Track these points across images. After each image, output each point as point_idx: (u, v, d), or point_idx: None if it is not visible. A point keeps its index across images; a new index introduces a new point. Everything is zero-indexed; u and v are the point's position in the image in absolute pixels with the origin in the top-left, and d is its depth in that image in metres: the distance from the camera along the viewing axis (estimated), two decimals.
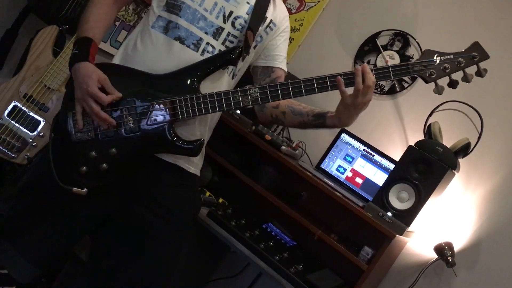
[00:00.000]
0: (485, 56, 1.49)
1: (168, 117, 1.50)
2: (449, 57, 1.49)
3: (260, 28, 1.65)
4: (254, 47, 1.69)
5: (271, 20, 1.69)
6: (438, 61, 1.49)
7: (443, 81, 1.54)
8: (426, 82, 1.52)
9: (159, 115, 1.50)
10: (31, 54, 2.70)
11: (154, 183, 1.59)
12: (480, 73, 1.51)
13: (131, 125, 1.50)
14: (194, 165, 1.67)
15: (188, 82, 1.53)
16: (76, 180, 1.50)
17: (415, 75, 1.53)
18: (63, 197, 1.52)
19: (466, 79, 1.51)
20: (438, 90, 1.53)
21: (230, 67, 1.64)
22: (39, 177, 1.59)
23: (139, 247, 1.57)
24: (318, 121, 1.64)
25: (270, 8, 1.69)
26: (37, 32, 2.75)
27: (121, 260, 1.56)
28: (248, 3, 1.64)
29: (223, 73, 1.62)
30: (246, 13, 1.62)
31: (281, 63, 1.77)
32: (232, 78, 1.68)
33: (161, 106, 1.50)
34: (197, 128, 1.60)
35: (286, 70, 1.78)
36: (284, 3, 3.00)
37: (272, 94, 1.52)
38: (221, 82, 1.62)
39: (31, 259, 1.57)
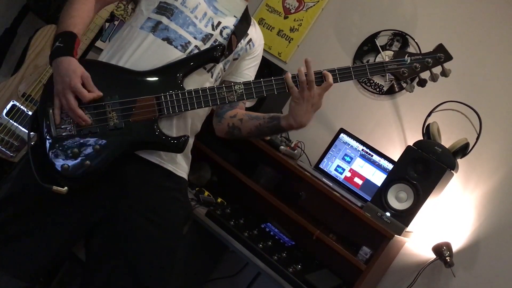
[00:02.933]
0: (449, 57, 1.58)
1: (153, 113, 1.50)
2: (418, 57, 1.58)
3: (243, 41, 1.69)
4: (234, 59, 1.71)
5: (251, 39, 1.73)
6: (408, 61, 1.57)
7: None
8: (398, 80, 1.61)
9: (144, 111, 1.50)
10: (30, 53, 2.70)
11: (143, 186, 1.57)
12: (444, 73, 1.59)
13: (115, 120, 1.48)
14: (180, 167, 1.65)
15: (172, 78, 1.52)
16: (56, 178, 1.44)
17: (389, 73, 1.60)
18: (48, 205, 1.48)
19: (432, 78, 1.60)
20: (409, 89, 1.65)
21: (215, 71, 1.64)
22: (22, 186, 1.53)
23: (132, 252, 1.54)
24: (273, 122, 1.63)
25: (252, 28, 1.74)
26: (36, 31, 2.74)
27: (115, 266, 1.54)
28: (235, 16, 1.68)
29: (207, 75, 1.63)
30: (233, 25, 1.66)
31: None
32: (214, 82, 1.68)
33: (146, 101, 1.50)
34: (181, 127, 1.59)
35: None
36: (283, 3, 3.01)
37: (257, 90, 1.53)
38: (205, 84, 1.62)
39: (13, 272, 1.51)
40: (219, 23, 1.63)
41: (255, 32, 1.76)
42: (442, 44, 1.59)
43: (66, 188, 1.43)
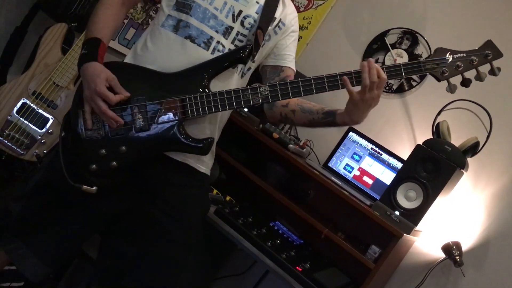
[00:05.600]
0: (498, 54, 1.47)
1: (178, 115, 1.50)
2: (461, 55, 1.47)
3: (269, 28, 1.66)
4: (262, 46, 1.69)
5: (280, 20, 1.70)
6: (450, 59, 1.48)
7: (456, 80, 1.52)
8: (439, 80, 1.50)
9: (169, 113, 1.50)
10: (40, 52, 2.72)
11: (164, 182, 1.60)
12: (493, 72, 1.48)
13: (141, 123, 1.50)
14: (204, 164, 1.67)
15: (198, 80, 1.53)
16: (86, 178, 1.50)
17: (427, 74, 1.51)
18: (75, 196, 1.53)
19: (479, 77, 1.49)
20: (451, 89, 1.51)
21: (240, 66, 1.64)
22: (51, 177, 1.60)
23: (148, 246, 1.58)
24: (328, 119, 1.63)
25: (279, 8, 1.70)
26: (46, 30, 2.76)
27: (130, 259, 1.57)
28: (257, 2, 1.64)
29: (232, 72, 1.62)
30: (256, 12, 1.63)
31: (290, 62, 1.78)
32: (241, 77, 1.68)
33: (171, 104, 1.50)
34: (207, 127, 1.61)
35: (295, 70, 1.78)
36: (293, 1, 3.00)
37: (282, 92, 1.52)
38: (231, 81, 1.63)
39: (43, 258, 1.59)
40: (240, 12, 1.61)
41: (282, 10, 1.71)
42: (491, 40, 1.48)
43: (95, 187, 1.49)
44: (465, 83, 1.50)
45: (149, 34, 1.65)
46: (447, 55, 1.48)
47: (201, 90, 1.52)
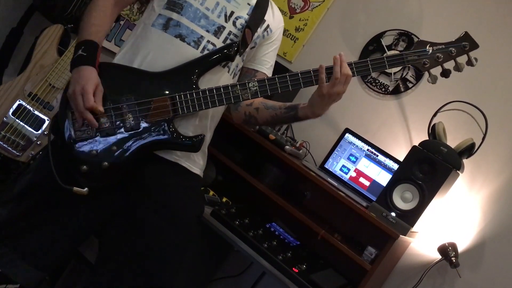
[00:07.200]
0: (474, 45, 1.54)
1: (168, 114, 1.51)
2: (441, 47, 1.55)
3: (259, 29, 1.68)
4: (252, 48, 1.70)
5: (268, 25, 1.72)
6: (430, 51, 1.55)
7: (436, 71, 1.59)
8: (420, 72, 1.58)
9: (159, 111, 1.50)
10: (36, 53, 2.71)
11: (157, 183, 1.59)
12: (470, 62, 1.55)
13: (131, 122, 1.50)
14: (196, 164, 1.67)
15: (187, 78, 1.54)
16: (76, 179, 1.49)
17: (410, 65, 1.57)
18: (66, 198, 1.52)
19: (457, 68, 1.56)
20: (432, 80, 1.58)
21: (232, 66, 1.65)
22: (40, 179, 1.58)
23: (143, 248, 1.57)
24: (290, 113, 1.65)
25: (269, 13, 1.72)
26: (42, 31, 2.76)
27: (125, 261, 1.56)
28: (249, 4, 1.67)
29: (223, 71, 1.63)
30: (247, 14, 1.65)
31: (268, 69, 1.80)
32: (233, 77, 1.69)
33: (161, 102, 1.51)
34: (198, 125, 1.61)
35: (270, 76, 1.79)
36: (289, 3, 3.01)
37: (271, 87, 1.53)
38: (221, 80, 1.63)
39: (33, 262, 1.56)
40: (232, 13, 1.63)
41: (272, 16, 1.74)
42: (467, 32, 1.55)
43: (86, 189, 1.48)
44: (445, 73, 1.56)
45: (139, 34, 1.65)
46: (427, 47, 1.55)
47: (190, 87, 1.53)
